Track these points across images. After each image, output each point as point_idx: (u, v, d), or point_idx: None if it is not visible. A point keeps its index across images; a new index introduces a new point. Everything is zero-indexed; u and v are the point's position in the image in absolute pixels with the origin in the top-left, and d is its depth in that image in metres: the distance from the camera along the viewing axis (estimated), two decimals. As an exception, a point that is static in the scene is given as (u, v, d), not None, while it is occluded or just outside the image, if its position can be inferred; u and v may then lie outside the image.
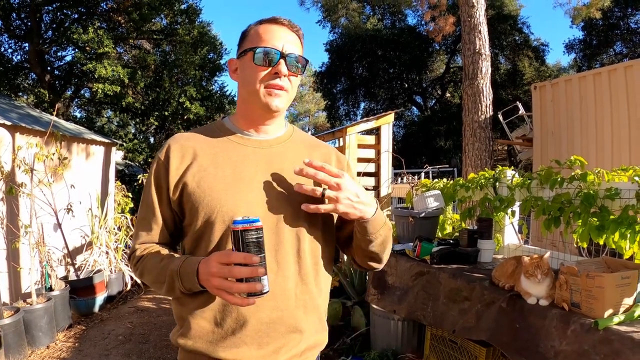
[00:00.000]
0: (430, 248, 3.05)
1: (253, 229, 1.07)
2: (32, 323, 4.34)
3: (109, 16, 12.29)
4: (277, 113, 1.33)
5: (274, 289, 1.23)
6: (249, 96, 1.32)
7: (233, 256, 1.08)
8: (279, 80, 1.27)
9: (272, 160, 1.34)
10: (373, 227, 1.29)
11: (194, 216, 1.27)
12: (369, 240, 1.31)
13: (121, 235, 6.60)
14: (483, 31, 8.28)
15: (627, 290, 1.85)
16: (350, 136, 4.99)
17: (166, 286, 1.25)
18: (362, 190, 1.28)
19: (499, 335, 2.24)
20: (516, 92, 21.72)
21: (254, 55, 1.28)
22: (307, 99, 44.27)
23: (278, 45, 1.28)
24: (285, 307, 1.26)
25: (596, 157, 6.65)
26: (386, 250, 1.40)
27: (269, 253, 1.23)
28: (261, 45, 1.28)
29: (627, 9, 20.80)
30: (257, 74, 1.28)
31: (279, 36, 1.29)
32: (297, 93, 1.51)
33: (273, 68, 1.27)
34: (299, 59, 1.31)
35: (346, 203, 1.23)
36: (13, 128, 5.01)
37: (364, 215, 1.26)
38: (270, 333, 1.25)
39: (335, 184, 1.22)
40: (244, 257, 1.06)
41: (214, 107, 14.08)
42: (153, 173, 1.34)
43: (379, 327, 3.71)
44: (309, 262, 1.32)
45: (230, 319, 1.24)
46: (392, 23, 25.90)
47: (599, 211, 2.37)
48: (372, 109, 26.28)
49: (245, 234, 1.06)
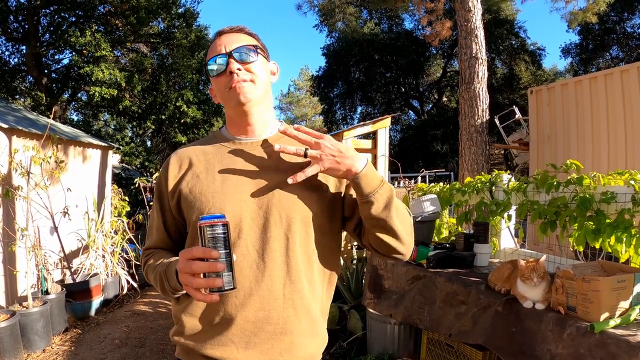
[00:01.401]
0: (427, 252, 3.06)
1: (216, 224, 1.08)
2: (28, 326, 4.32)
3: (106, 19, 12.28)
4: (250, 104, 1.32)
5: (260, 288, 1.24)
6: (226, 104, 1.38)
7: (194, 250, 1.09)
8: (236, 77, 1.29)
9: (261, 159, 1.36)
10: (367, 183, 1.23)
11: (189, 220, 1.32)
12: (370, 202, 1.23)
13: (117, 238, 6.58)
14: (479, 36, 8.31)
15: (623, 294, 1.86)
16: (347, 140, 4.99)
17: (160, 287, 1.31)
18: (347, 148, 1.26)
19: (495, 339, 2.24)
20: (513, 96, 21.78)
21: (209, 71, 1.35)
22: (304, 103, 44.31)
23: (221, 50, 1.32)
24: (271, 308, 1.25)
25: (592, 161, 6.68)
26: (403, 222, 1.30)
27: (255, 251, 1.25)
28: (209, 59, 1.35)
29: (623, 13, 20.92)
30: (220, 83, 1.34)
31: (220, 43, 1.34)
32: (294, 97, 1.50)
33: (226, 71, 1.31)
34: (247, 47, 1.33)
35: (330, 159, 1.22)
36: (10, 131, 5.00)
37: (351, 168, 1.22)
38: (258, 333, 1.25)
39: (314, 142, 1.24)
40: (203, 251, 1.07)
41: (211, 110, 14.07)
42: (156, 185, 1.45)
43: (376, 331, 3.71)
44: (300, 262, 1.29)
45: (218, 317, 1.26)
46: (389, 27, 25.96)
47: (595, 215, 2.38)
48: (369, 113, 26.29)
49: (206, 229, 1.07)
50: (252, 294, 1.23)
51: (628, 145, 6.27)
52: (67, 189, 5.69)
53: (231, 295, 1.23)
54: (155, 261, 1.36)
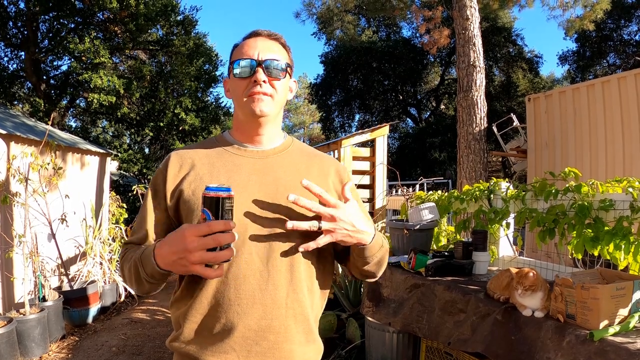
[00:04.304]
0: (425, 260, 3.05)
1: (230, 197, 1.08)
2: (25, 333, 4.30)
3: (105, 26, 12.28)
4: (263, 118, 1.33)
5: (264, 296, 1.24)
6: (238, 109, 1.36)
7: (213, 225, 1.05)
8: (259, 87, 1.29)
9: (267, 169, 1.35)
10: (370, 251, 1.32)
11: (189, 222, 1.28)
12: (366, 262, 1.35)
13: (115, 246, 6.57)
14: (477, 44, 8.35)
15: (622, 301, 1.86)
16: (345, 148, 5.00)
17: (134, 278, 1.26)
18: (359, 214, 1.29)
19: (494, 347, 2.24)
20: (510, 104, 21.86)
21: (233, 69, 1.33)
22: (302, 111, 44.37)
23: (253, 55, 1.31)
24: (274, 316, 1.25)
25: (590, 168, 6.69)
26: (382, 268, 1.44)
27: (260, 261, 1.24)
28: (238, 59, 1.32)
29: (620, 20, 21.04)
30: (239, 86, 1.32)
31: (254, 46, 1.33)
32: (292, 104, 1.51)
33: (251, 77, 1.30)
34: (279, 63, 1.32)
35: (343, 233, 1.24)
36: (8, 137, 5.00)
37: (361, 241, 1.28)
38: (260, 342, 1.24)
39: (329, 216, 1.23)
40: (224, 224, 1.06)
41: (209, 118, 14.07)
42: (152, 181, 1.39)
43: (374, 340, 3.69)
44: (303, 272, 1.31)
45: (219, 324, 1.24)
46: (387, 35, 26.07)
47: (594, 222, 2.38)
48: (367, 121, 26.35)
49: (225, 201, 1.07)
50: (255, 303, 1.22)
51: (626, 152, 6.29)
52: (65, 195, 5.68)
53: (233, 303, 1.22)
54: (132, 254, 1.30)
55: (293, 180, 1.34)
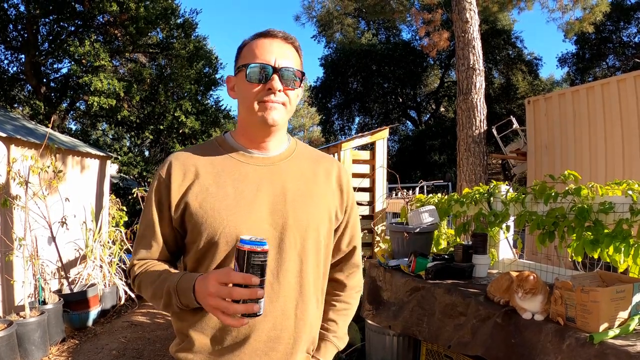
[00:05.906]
0: (425, 263, 3.06)
1: (260, 251, 1.02)
2: (25, 336, 4.30)
3: (105, 29, 12.29)
4: (275, 127, 1.29)
5: (274, 308, 1.23)
6: (247, 113, 1.30)
7: (232, 276, 1.03)
8: (273, 96, 1.24)
9: (274, 177, 1.32)
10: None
11: (197, 236, 1.25)
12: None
13: (115, 249, 6.57)
14: (477, 46, 8.35)
15: (622, 304, 1.86)
16: (345, 152, 5.00)
17: (163, 302, 1.23)
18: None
19: (494, 350, 2.24)
20: (510, 106, 21.88)
21: (247, 72, 1.25)
22: (302, 114, 44.39)
23: (270, 60, 1.24)
24: (283, 327, 1.25)
25: (590, 170, 6.69)
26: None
27: (270, 273, 1.22)
28: (253, 62, 1.25)
29: (619, 22, 21.10)
30: (251, 91, 1.25)
31: (271, 50, 1.26)
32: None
33: (266, 84, 1.24)
34: (295, 72, 1.27)
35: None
36: (8, 140, 5.00)
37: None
38: (269, 352, 1.25)
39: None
40: (243, 277, 1.01)
41: (209, 121, 14.06)
42: (154, 190, 1.32)
43: (374, 343, 3.69)
44: (311, 283, 1.32)
45: (230, 337, 1.24)
46: (386, 38, 26.10)
47: (593, 225, 2.38)
48: (367, 124, 26.37)
49: (252, 256, 1.02)
50: (265, 314, 1.18)
51: (625, 154, 6.29)
52: (65, 198, 5.68)
53: None
54: (152, 274, 1.28)
55: (301, 190, 1.33)
